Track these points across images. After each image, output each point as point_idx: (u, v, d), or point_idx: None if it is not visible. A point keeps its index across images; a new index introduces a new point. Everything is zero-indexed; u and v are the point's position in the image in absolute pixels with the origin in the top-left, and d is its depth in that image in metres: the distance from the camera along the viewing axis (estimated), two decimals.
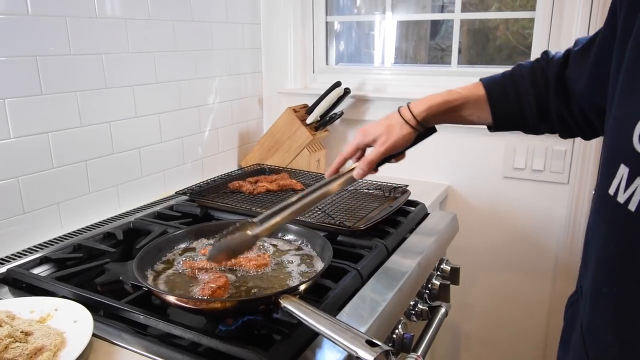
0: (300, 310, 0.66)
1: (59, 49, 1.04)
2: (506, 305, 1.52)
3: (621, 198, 0.47)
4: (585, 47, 0.71)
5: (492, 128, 0.85)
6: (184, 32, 1.35)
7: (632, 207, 0.46)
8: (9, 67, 0.95)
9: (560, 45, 1.35)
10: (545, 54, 0.80)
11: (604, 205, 0.52)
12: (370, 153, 0.88)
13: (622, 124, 0.49)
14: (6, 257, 0.96)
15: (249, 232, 0.80)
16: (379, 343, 0.58)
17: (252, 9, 1.62)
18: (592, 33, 1.26)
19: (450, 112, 0.85)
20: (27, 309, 0.75)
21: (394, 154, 0.88)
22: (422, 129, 0.86)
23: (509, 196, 1.46)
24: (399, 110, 0.86)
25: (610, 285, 0.50)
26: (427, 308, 1.05)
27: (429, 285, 1.10)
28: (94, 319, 0.71)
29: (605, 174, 0.51)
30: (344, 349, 0.60)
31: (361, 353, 0.58)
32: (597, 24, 1.27)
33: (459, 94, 0.83)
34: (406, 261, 1.00)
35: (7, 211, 0.98)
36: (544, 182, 1.40)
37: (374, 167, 0.89)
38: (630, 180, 0.46)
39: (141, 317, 0.74)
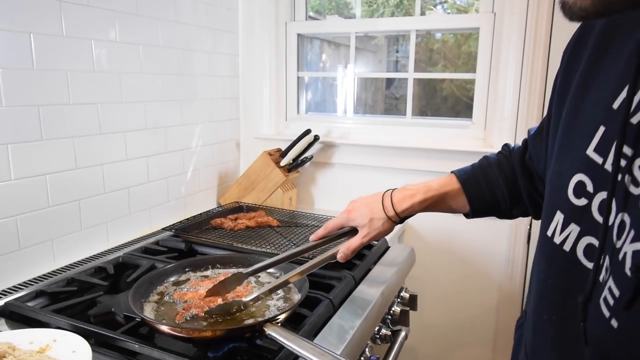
0: (284, 337, 0.68)
1: (59, 99, 1.04)
2: (460, 332, 1.55)
3: (557, 239, 0.50)
4: (537, 132, 0.73)
5: (469, 215, 0.87)
6: (172, 84, 1.37)
7: (566, 247, 0.49)
8: (14, 115, 0.95)
9: (498, 92, 1.43)
10: (506, 146, 0.85)
11: (544, 245, 0.54)
12: (354, 242, 0.91)
13: (560, 178, 0.52)
14: (3, 290, 0.93)
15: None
16: None
17: (232, 64, 1.66)
18: (520, 90, 1.36)
19: (429, 207, 0.88)
20: (27, 340, 0.73)
21: None
22: (403, 220, 0.91)
23: (457, 232, 1.51)
24: (382, 203, 0.88)
25: (549, 313, 0.52)
26: (389, 332, 1.07)
27: (391, 311, 1.12)
28: (92, 349, 0.71)
29: (546, 218, 0.54)
30: None
31: None
32: (524, 83, 1.37)
33: (436, 190, 0.86)
34: (371, 290, 1.02)
35: (3, 247, 0.96)
36: (486, 219, 1.46)
37: (353, 254, 0.92)
38: (565, 225, 0.49)
39: (136, 346, 0.73)
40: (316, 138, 1.57)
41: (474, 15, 1.48)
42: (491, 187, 0.82)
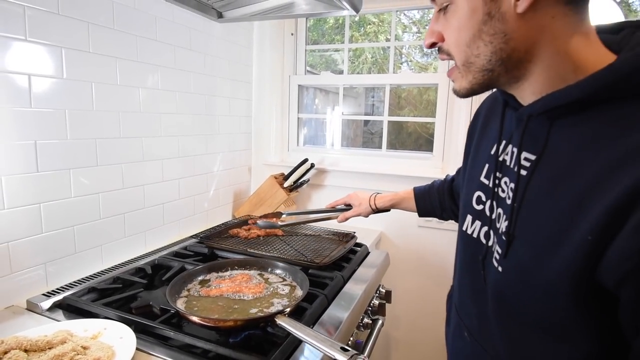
0: (291, 326, 0.67)
1: (112, 133, 1.03)
2: (423, 317, 1.54)
3: (469, 231, 0.62)
4: (458, 170, 0.89)
5: (419, 214, 1.04)
6: (199, 122, 1.37)
7: (474, 235, 0.61)
8: (76, 146, 0.94)
9: (451, 132, 1.46)
10: (447, 175, 0.99)
11: (462, 236, 0.64)
12: (348, 213, 1.14)
13: (467, 195, 0.64)
14: (61, 287, 0.91)
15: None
16: (349, 349, 0.60)
17: (247, 107, 1.67)
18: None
19: (394, 205, 1.08)
20: (82, 328, 0.72)
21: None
22: (377, 210, 1.10)
23: (422, 240, 1.51)
24: (369, 198, 1.10)
25: (468, 276, 0.62)
26: (370, 321, 1.06)
27: (371, 304, 1.12)
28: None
29: (462, 219, 0.65)
30: (325, 353, 0.61)
31: (338, 356, 0.59)
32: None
33: (400, 197, 1.06)
34: (357, 287, 1.02)
35: (63, 251, 0.94)
36: (443, 229, 1.47)
37: (346, 219, 1.14)
38: (472, 222, 0.62)
39: (171, 333, 0.72)
40: (312, 165, 1.58)
41: (434, 74, 1.51)
42: (431, 200, 0.99)
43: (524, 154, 0.50)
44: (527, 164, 0.49)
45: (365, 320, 1.06)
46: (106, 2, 0.98)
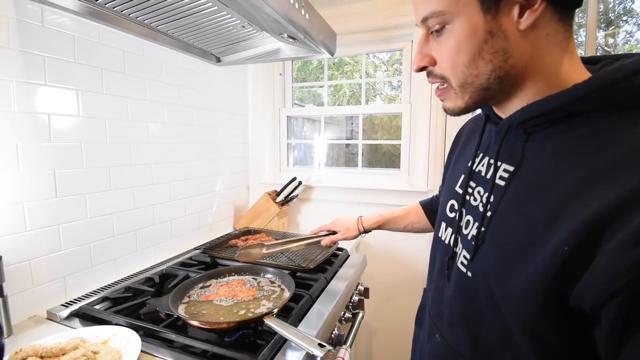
0: (278, 326, 0.65)
1: (124, 161, 1.01)
2: (398, 309, 1.51)
3: (443, 237, 0.56)
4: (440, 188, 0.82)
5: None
6: (202, 149, 1.35)
7: (446, 241, 0.54)
8: (91, 173, 0.92)
9: (414, 151, 1.45)
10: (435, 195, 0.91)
11: (437, 242, 0.59)
12: (335, 237, 0.98)
13: (443, 204, 0.58)
14: (78, 297, 0.87)
15: (261, 250, 1.00)
16: (325, 345, 0.57)
17: (243, 135, 1.66)
18: (429, 150, 1.39)
19: (381, 227, 0.96)
20: (94, 334, 0.68)
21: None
22: (365, 232, 0.98)
23: (395, 243, 1.50)
24: (356, 221, 0.97)
25: (440, 280, 0.55)
26: (351, 315, 1.04)
27: (352, 300, 1.10)
28: (141, 340, 0.66)
29: (437, 227, 0.60)
30: (304, 349, 0.59)
31: (315, 352, 0.57)
32: (431, 146, 1.40)
33: (386, 219, 0.95)
34: (339, 284, 1.00)
35: (80, 265, 0.90)
36: (414, 234, 1.46)
37: (333, 243, 1.00)
38: (445, 229, 0.56)
39: (173, 336, 0.69)
40: (300, 183, 1.57)
41: (399, 105, 1.53)
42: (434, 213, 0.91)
43: (503, 166, 0.44)
44: (505, 175, 0.44)
45: (347, 314, 1.03)
46: (117, 51, 0.98)
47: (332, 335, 0.88)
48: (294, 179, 1.55)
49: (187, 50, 1.17)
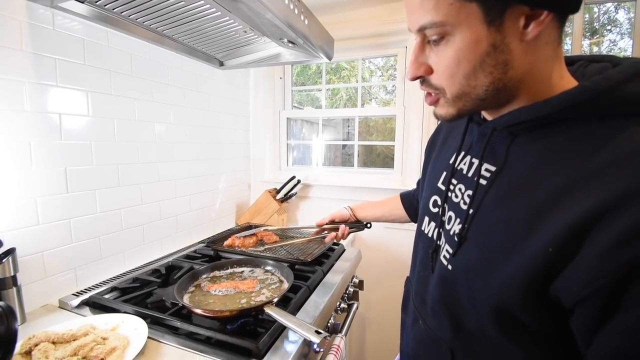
0: (277, 314, 0.65)
1: (132, 159, 1.01)
2: (390, 300, 1.52)
3: (426, 231, 0.56)
4: (418, 182, 0.81)
5: (413, 220, 0.88)
6: (206, 148, 1.35)
7: (429, 234, 0.54)
8: (101, 170, 0.92)
9: (407, 152, 1.46)
10: (415, 188, 0.89)
11: (420, 235, 0.58)
12: (337, 234, 0.92)
13: (425, 199, 0.58)
14: (88, 287, 0.87)
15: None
16: (322, 331, 0.58)
17: (245, 136, 1.66)
18: (421, 151, 1.40)
19: (365, 208, 0.94)
20: (103, 322, 0.69)
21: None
22: (356, 220, 0.94)
23: (389, 237, 1.50)
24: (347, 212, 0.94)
25: (425, 271, 0.55)
26: (346, 306, 1.04)
27: (347, 291, 1.10)
28: (147, 327, 0.66)
29: (420, 221, 0.59)
30: (302, 336, 0.60)
31: (312, 338, 0.58)
32: (423, 146, 1.39)
33: (373, 204, 0.93)
34: (335, 277, 1.01)
35: (90, 257, 0.90)
36: (404, 229, 1.47)
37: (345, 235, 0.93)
38: (428, 223, 0.55)
39: (178, 323, 0.69)
40: (299, 181, 1.57)
41: (393, 108, 1.53)
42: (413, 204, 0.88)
43: (485, 165, 0.43)
44: (487, 175, 0.43)
45: (342, 305, 1.04)
46: (125, 54, 0.98)
47: (329, 324, 0.89)
48: (293, 177, 1.55)
49: (192, 54, 1.17)
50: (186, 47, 1.07)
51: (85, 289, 0.86)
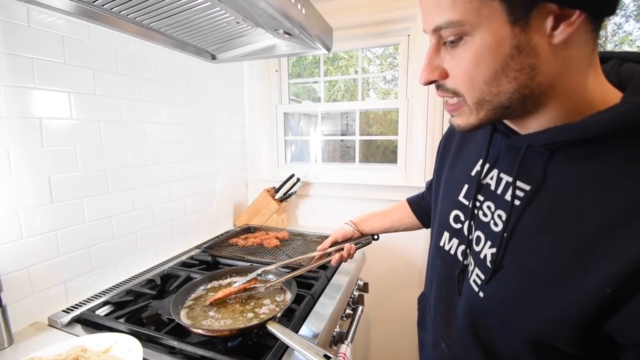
0: (281, 332, 0.62)
1: (121, 163, 0.97)
2: (396, 300, 1.50)
3: (446, 247, 0.53)
4: (428, 187, 0.77)
5: (426, 226, 0.83)
6: (200, 148, 1.31)
7: (452, 252, 0.52)
8: (87, 177, 0.87)
9: (411, 147, 1.42)
10: (424, 191, 0.84)
11: (438, 250, 0.55)
12: (343, 254, 0.82)
13: (444, 213, 0.54)
14: (80, 302, 0.83)
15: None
16: (331, 356, 0.55)
17: (241, 133, 1.61)
18: (426, 146, 1.36)
19: (370, 219, 0.87)
20: (95, 342, 0.65)
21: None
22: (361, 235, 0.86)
23: (392, 237, 1.46)
24: (349, 227, 0.86)
25: (444, 290, 0.53)
26: (351, 311, 1.02)
27: (352, 296, 1.08)
28: (143, 346, 0.63)
29: (437, 235, 0.56)
30: None
31: None
32: (428, 141, 1.36)
33: (382, 217, 0.86)
34: (340, 281, 0.98)
35: (81, 269, 0.87)
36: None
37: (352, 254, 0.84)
38: (450, 239, 0.53)
39: (175, 343, 0.66)
40: (298, 179, 1.53)
41: (395, 100, 1.49)
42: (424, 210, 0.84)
43: (517, 183, 0.40)
44: (521, 194, 0.40)
45: (347, 311, 1.01)
46: (109, 50, 0.92)
47: (335, 334, 0.86)
48: (292, 175, 1.52)
49: (182, 48, 1.12)
50: (175, 40, 1.01)
51: (77, 304, 0.82)
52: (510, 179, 0.42)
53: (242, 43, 1.12)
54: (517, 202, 0.40)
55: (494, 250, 0.41)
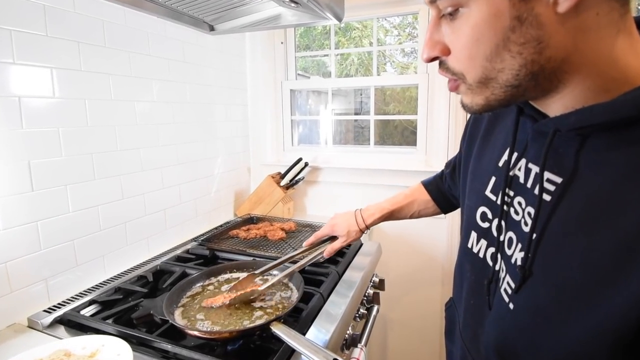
0: (286, 335, 0.59)
1: (109, 147, 0.93)
2: (416, 298, 1.47)
3: (475, 250, 0.50)
4: (451, 170, 0.75)
5: (444, 211, 0.85)
6: (197, 129, 1.27)
7: (480, 255, 0.49)
8: (71, 162, 0.84)
9: (433, 128, 1.36)
10: (442, 171, 0.82)
11: (467, 253, 0.53)
12: (336, 245, 0.88)
13: (471, 210, 0.52)
14: (63, 301, 0.81)
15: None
16: None
17: (243, 112, 1.57)
18: (449, 126, 1.30)
19: (385, 219, 0.86)
20: (80, 346, 0.63)
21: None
22: (367, 228, 0.87)
23: (410, 229, 1.43)
24: (356, 219, 0.86)
25: (475, 300, 0.50)
26: (365, 310, 0.99)
27: (366, 294, 1.04)
28: (133, 350, 0.61)
29: (465, 235, 0.53)
30: None
31: None
32: (451, 121, 1.30)
33: (389, 211, 0.85)
34: (353, 277, 0.95)
35: (64, 265, 0.84)
36: (431, 217, 1.39)
37: (335, 252, 0.89)
38: (478, 240, 0.50)
39: (169, 346, 0.63)
40: (306, 164, 1.49)
41: (414, 75, 1.41)
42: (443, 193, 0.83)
43: (547, 175, 0.38)
44: (551, 188, 0.37)
45: (361, 310, 0.98)
46: (96, 21, 0.88)
47: (346, 337, 0.83)
48: (300, 159, 1.47)
49: (176, 19, 1.06)
50: (169, 9, 0.96)
51: (59, 304, 0.80)
52: (538, 170, 0.39)
53: (244, 12, 1.06)
54: (546, 197, 0.37)
55: (523, 254, 0.39)
